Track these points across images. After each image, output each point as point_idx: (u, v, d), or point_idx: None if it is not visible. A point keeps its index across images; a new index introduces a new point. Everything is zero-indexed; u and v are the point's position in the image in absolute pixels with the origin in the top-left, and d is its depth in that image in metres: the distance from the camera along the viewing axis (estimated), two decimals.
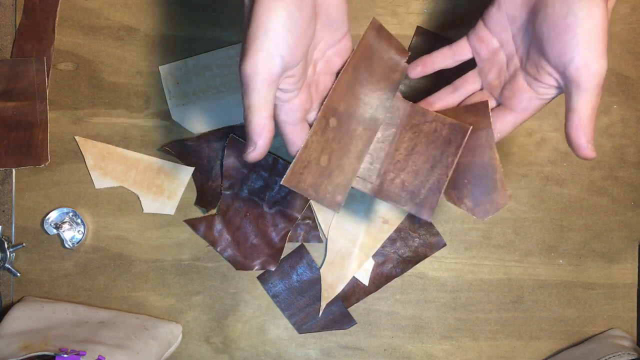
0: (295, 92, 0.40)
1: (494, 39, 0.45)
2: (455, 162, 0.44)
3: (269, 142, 0.39)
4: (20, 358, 0.48)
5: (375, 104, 0.45)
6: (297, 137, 0.42)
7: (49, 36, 0.60)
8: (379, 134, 0.46)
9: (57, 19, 0.60)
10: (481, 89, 0.47)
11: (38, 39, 0.60)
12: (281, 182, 0.41)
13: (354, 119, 0.44)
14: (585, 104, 0.39)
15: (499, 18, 0.44)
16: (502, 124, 0.44)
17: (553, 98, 0.43)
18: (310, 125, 0.43)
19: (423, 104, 0.48)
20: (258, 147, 0.38)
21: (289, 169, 0.41)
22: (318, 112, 0.43)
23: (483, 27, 0.45)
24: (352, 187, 0.44)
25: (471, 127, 0.44)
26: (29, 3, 0.60)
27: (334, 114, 0.43)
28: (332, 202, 0.43)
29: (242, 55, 0.37)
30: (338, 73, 0.44)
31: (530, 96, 0.43)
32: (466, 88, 0.47)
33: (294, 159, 0.41)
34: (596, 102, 0.39)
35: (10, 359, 0.48)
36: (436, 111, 0.47)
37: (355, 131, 0.44)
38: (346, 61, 0.44)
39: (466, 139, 0.44)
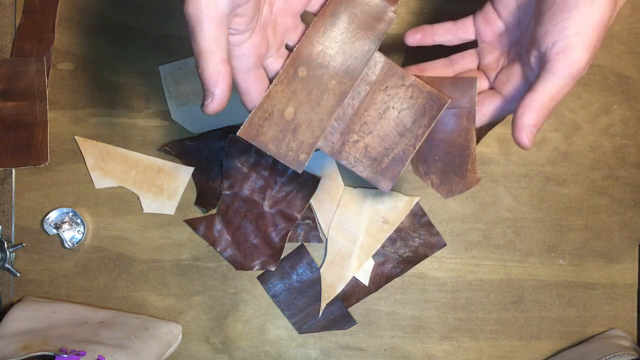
0: (247, 33, 0.36)
1: (500, 22, 0.44)
2: (426, 134, 0.41)
3: (227, 90, 0.35)
4: (20, 358, 0.48)
5: (354, 55, 0.40)
6: (251, 86, 0.38)
7: (49, 36, 0.60)
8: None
9: (57, 18, 0.60)
10: (477, 69, 0.46)
11: (38, 39, 0.60)
12: (237, 134, 0.37)
13: (327, 71, 0.40)
14: (546, 89, 0.36)
15: (507, 1, 0.43)
16: (488, 108, 0.42)
17: None
18: (270, 78, 0.39)
19: (414, 69, 0.45)
20: (216, 98, 0.34)
21: (247, 119, 0.37)
22: (280, 58, 0.39)
23: (491, 8, 0.44)
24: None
25: (450, 100, 0.41)
26: (29, 3, 0.60)
27: (304, 63, 0.39)
28: (294, 161, 0.39)
29: None
30: (308, 21, 0.40)
31: (524, 85, 0.41)
32: (462, 64, 0.46)
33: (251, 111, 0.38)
34: (559, 94, 0.36)
35: (10, 359, 0.48)
36: (419, 76, 0.43)
37: (327, 84, 0.40)
38: (323, 4, 0.40)
39: (442, 111, 0.41)
